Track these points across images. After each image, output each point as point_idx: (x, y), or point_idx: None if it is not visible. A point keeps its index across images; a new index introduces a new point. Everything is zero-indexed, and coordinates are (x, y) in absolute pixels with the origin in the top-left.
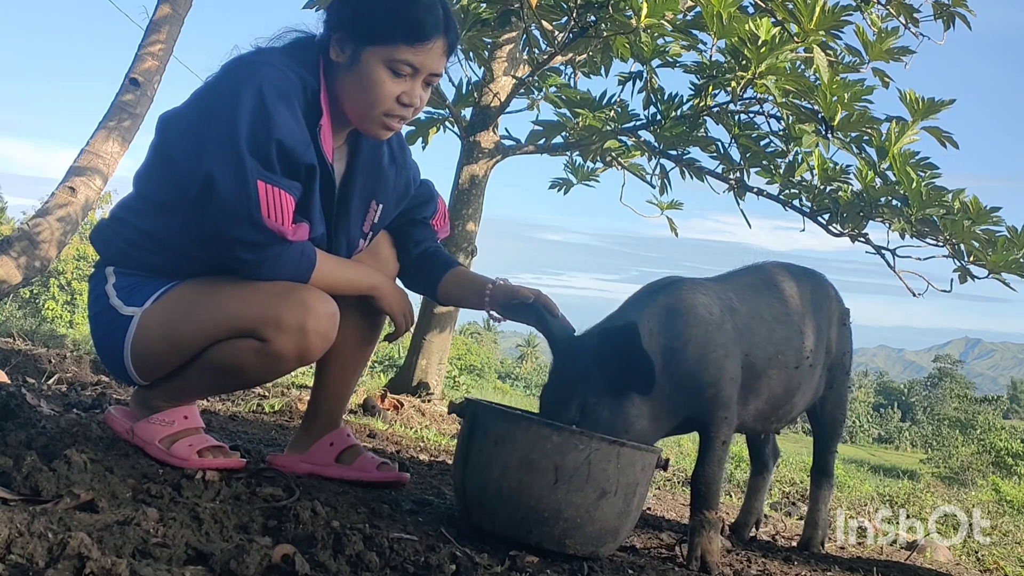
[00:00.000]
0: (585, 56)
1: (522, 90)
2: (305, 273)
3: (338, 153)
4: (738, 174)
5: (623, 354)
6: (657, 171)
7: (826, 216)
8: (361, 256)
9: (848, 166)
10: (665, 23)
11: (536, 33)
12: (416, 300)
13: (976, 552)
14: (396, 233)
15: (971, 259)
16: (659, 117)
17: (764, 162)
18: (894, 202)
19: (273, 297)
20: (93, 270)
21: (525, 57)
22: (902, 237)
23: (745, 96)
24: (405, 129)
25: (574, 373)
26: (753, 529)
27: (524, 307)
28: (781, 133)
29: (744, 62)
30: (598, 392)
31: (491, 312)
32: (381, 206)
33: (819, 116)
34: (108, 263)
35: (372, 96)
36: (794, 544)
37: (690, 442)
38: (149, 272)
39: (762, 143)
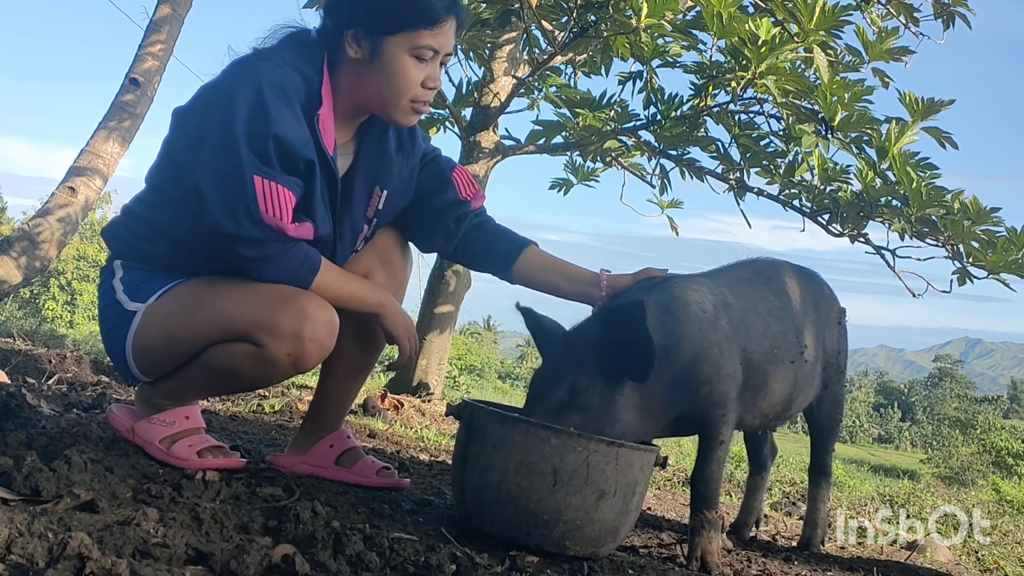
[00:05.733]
0: (585, 56)
1: (522, 90)
2: (307, 277)
3: (344, 149)
4: (738, 174)
5: (626, 331)
6: (657, 171)
7: (826, 216)
8: (372, 263)
9: (848, 166)
10: (665, 23)
11: (536, 33)
12: (416, 301)
13: (976, 552)
14: (428, 223)
15: (970, 260)
16: (659, 117)
17: (764, 162)
18: (894, 202)
19: (271, 302)
20: (104, 264)
21: (525, 57)
22: (901, 238)
23: (745, 96)
24: None
25: (568, 357)
26: (753, 529)
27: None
28: (781, 133)
29: (744, 62)
30: (590, 375)
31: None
32: (385, 192)
33: (819, 116)
34: (117, 256)
35: (400, 85)
36: (794, 544)
37: (690, 442)
38: (156, 266)
39: (762, 143)
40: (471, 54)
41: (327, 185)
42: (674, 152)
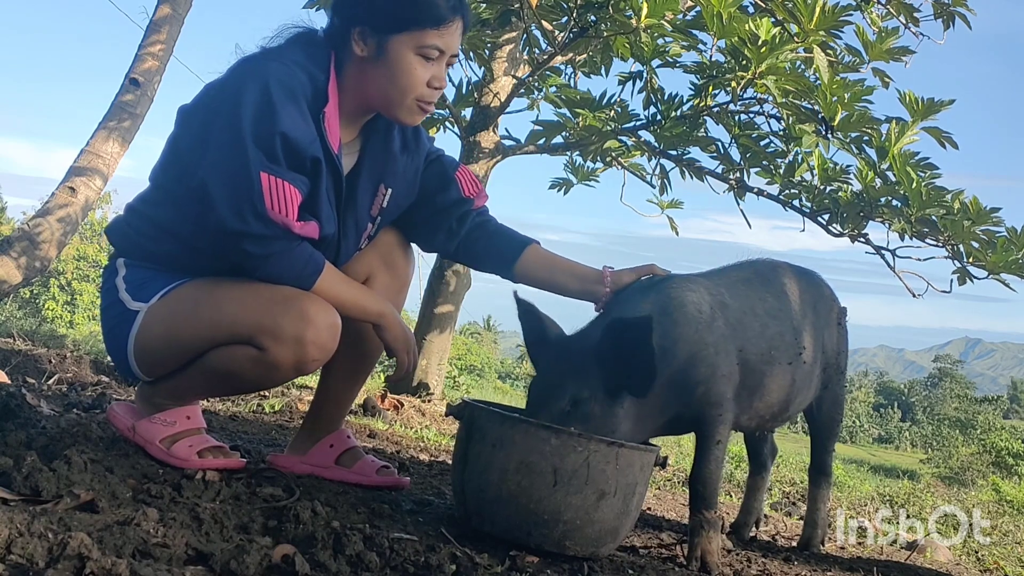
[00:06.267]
0: (585, 56)
1: (522, 90)
2: (310, 277)
3: (349, 148)
4: (738, 174)
5: (629, 347)
6: (657, 171)
7: (826, 216)
8: (374, 264)
9: (848, 166)
10: (665, 23)
11: (536, 33)
12: (416, 301)
13: (976, 552)
14: (431, 222)
15: (970, 260)
16: (659, 117)
17: (764, 162)
18: (894, 202)
19: (273, 305)
20: (107, 262)
21: (525, 57)
22: (902, 238)
23: (745, 96)
24: None
25: (568, 366)
26: (753, 529)
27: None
28: (781, 133)
29: (744, 62)
30: (591, 386)
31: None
32: (390, 190)
33: (819, 116)
34: (120, 254)
35: (405, 83)
36: (794, 544)
37: (690, 442)
38: (159, 264)
39: (762, 143)
40: (471, 54)
41: (332, 183)
42: (674, 152)
